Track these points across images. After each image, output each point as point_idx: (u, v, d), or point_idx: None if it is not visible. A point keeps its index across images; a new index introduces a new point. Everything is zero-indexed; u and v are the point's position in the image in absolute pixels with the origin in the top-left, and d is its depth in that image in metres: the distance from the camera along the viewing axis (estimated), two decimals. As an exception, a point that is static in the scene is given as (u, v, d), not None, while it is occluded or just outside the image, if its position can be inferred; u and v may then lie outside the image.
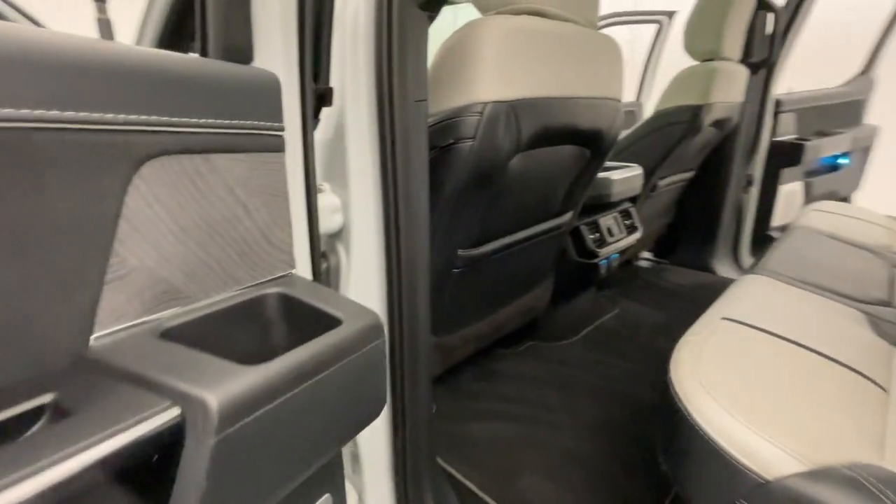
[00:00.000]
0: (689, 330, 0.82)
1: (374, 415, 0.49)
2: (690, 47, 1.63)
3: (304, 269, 0.56)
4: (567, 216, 1.27)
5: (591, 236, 1.46)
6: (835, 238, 1.33)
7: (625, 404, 1.25)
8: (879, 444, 0.57)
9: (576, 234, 1.43)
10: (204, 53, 0.44)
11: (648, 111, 3.70)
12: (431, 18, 0.65)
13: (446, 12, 0.70)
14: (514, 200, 1.02)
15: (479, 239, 1.02)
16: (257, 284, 0.48)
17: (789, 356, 0.72)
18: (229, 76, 0.42)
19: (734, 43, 1.65)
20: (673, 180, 1.97)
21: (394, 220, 0.66)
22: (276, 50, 0.49)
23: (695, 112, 1.56)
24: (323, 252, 0.65)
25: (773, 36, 1.89)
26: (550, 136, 0.94)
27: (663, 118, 1.61)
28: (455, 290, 1.05)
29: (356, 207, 0.66)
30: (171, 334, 0.39)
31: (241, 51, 0.46)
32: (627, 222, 1.65)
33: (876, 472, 0.51)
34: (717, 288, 2.11)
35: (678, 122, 1.60)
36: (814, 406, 0.62)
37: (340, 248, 0.68)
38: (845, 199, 2.60)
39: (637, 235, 1.68)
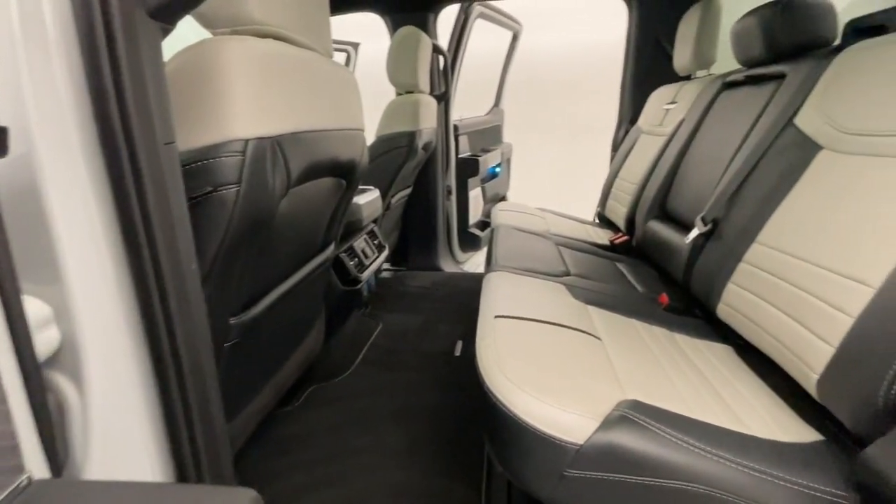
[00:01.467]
0: (478, 334, 0.92)
1: None
2: (394, 80, 1.84)
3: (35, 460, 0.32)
4: (330, 249, 1.22)
5: (352, 262, 1.45)
6: (520, 230, 1.78)
7: (423, 413, 1.31)
8: (618, 382, 0.80)
9: (338, 263, 1.39)
10: None
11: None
12: (166, 32, 0.48)
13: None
14: (284, 245, 0.90)
15: (251, 299, 0.84)
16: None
17: (550, 335, 0.91)
18: None
19: (425, 79, 1.96)
20: (400, 197, 2.19)
21: (160, 312, 0.46)
22: None
23: (411, 137, 1.77)
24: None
25: (445, 73, 2.34)
26: (315, 171, 0.86)
27: (389, 143, 1.76)
28: (230, 367, 0.84)
29: (83, 312, 0.42)
30: None
31: None
32: (375, 242, 1.73)
33: (629, 405, 0.70)
34: (449, 283, 2.56)
35: (401, 146, 1.77)
36: (578, 369, 0.81)
37: (63, 383, 0.42)
38: (504, 198, 3.53)
39: (386, 252, 1.78)
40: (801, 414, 0.78)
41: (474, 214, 2.95)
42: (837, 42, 1.10)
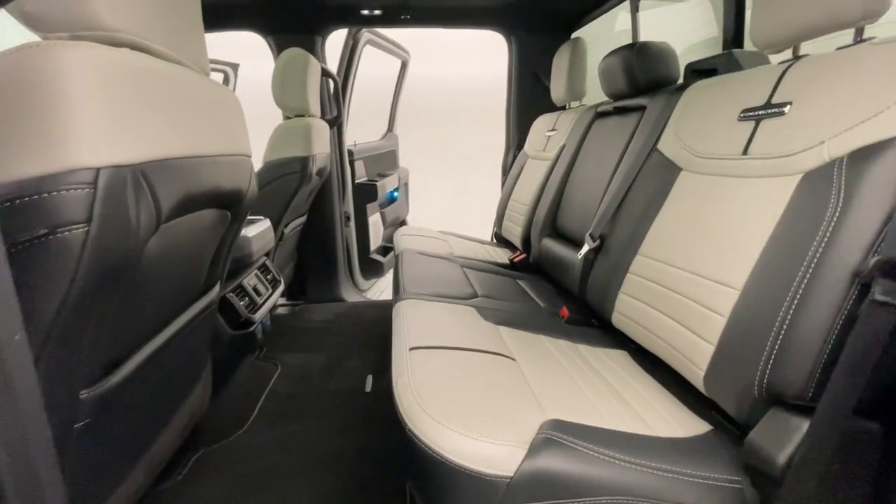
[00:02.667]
0: (394, 370, 0.87)
1: None
2: (282, 103, 1.73)
3: None
4: (215, 290, 1.06)
5: (242, 302, 1.29)
6: (425, 254, 1.77)
7: (334, 464, 1.19)
8: (538, 403, 0.80)
9: (225, 305, 1.22)
10: None
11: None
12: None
13: None
14: (156, 291, 0.75)
15: (111, 362, 0.68)
16: None
17: (467, 362, 0.89)
18: None
19: (315, 102, 1.87)
20: (294, 226, 2.04)
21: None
22: None
23: (304, 162, 1.67)
24: None
25: (336, 97, 2.28)
26: (193, 203, 0.74)
27: (279, 169, 1.63)
28: (83, 452, 0.66)
29: None
30: None
31: None
32: (268, 277, 1.57)
33: (551, 425, 0.71)
34: (352, 313, 2.43)
35: (293, 173, 1.65)
36: (499, 396, 0.80)
37: None
38: (404, 222, 3.52)
39: (281, 288, 1.63)
40: (692, 407, 0.86)
41: (375, 240, 2.88)
42: (681, 81, 1.30)
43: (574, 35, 2.22)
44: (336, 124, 2.30)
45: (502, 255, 2.05)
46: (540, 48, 2.26)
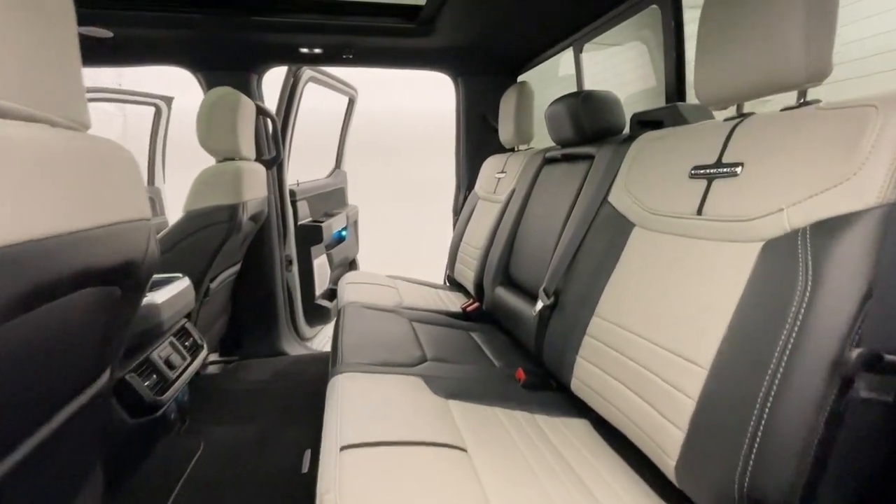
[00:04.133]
0: (320, 476, 0.72)
1: None
2: (208, 146, 1.57)
3: None
4: (105, 376, 0.87)
5: (147, 383, 1.09)
6: (370, 308, 1.63)
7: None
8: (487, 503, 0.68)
9: (122, 390, 1.02)
10: None
11: (169, 196, 3.40)
12: None
13: None
14: (2, 402, 0.57)
15: None
16: None
17: (409, 462, 0.76)
18: None
19: (248, 144, 1.73)
20: (224, 277, 1.84)
21: None
22: None
23: (233, 211, 1.50)
24: None
25: (274, 137, 2.14)
26: (50, 291, 0.58)
27: (202, 219, 1.46)
28: None
29: None
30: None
31: None
32: (188, 343, 1.37)
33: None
34: (294, 370, 2.20)
35: (219, 223, 1.49)
36: (441, 501, 0.67)
37: None
38: (353, 262, 3.36)
39: (203, 353, 1.43)
40: (661, 493, 0.77)
41: (321, 284, 2.70)
42: (627, 131, 1.28)
43: (520, 78, 2.23)
44: (274, 165, 2.15)
45: (455, 302, 1.94)
46: (487, 90, 2.25)
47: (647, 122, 1.15)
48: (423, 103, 4.18)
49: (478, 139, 2.33)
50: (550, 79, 3.42)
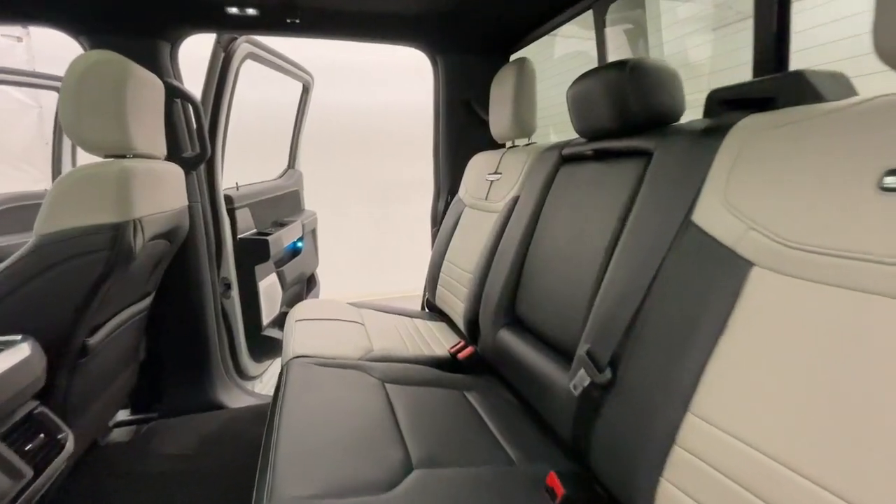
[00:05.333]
0: None
1: None
2: (79, 137, 1.06)
3: None
4: None
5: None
6: (326, 363, 1.18)
7: None
8: None
9: None
10: None
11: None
12: None
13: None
14: None
15: None
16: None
17: None
18: None
19: (151, 135, 1.23)
20: (124, 318, 1.33)
21: None
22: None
23: (115, 233, 1.02)
24: None
25: (199, 129, 1.64)
26: None
27: (63, 248, 0.96)
28: None
29: None
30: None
31: None
32: (37, 438, 0.88)
33: None
34: (229, 431, 1.66)
35: (93, 251, 1.00)
36: None
37: None
38: (312, 277, 2.87)
39: (69, 448, 0.94)
40: None
41: (270, 309, 2.21)
42: (696, 116, 0.89)
43: (514, 56, 1.83)
44: (199, 165, 1.66)
45: (439, 339, 1.52)
46: (472, 72, 1.83)
47: (736, 102, 0.76)
48: (402, 95, 3.71)
49: (461, 133, 1.91)
50: (545, 61, 3.02)
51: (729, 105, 0.76)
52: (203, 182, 1.74)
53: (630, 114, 0.91)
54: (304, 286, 2.78)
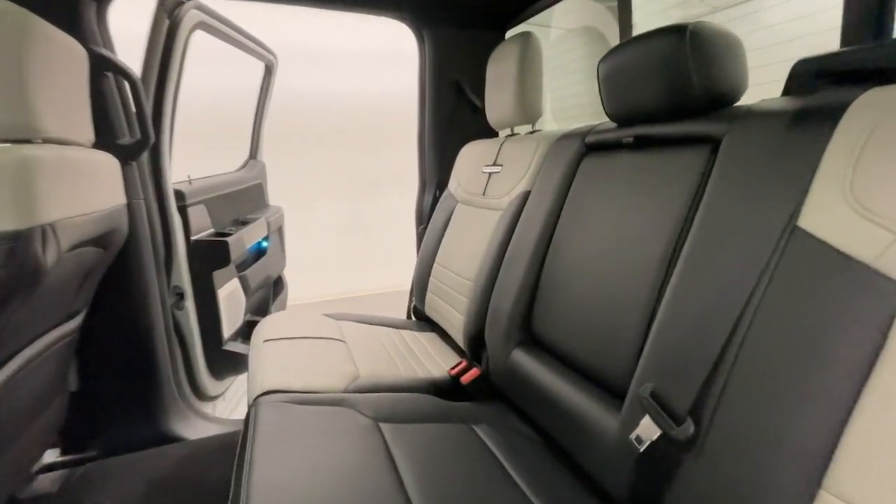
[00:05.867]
0: None
1: None
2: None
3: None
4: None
5: None
6: (304, 401, 0.96)
7: None
8: None
9: None
10: None
11: None
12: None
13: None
14: None
15: None
16: None
17: None
18: None
19: (71, 116, 0.97)
20: (42, 346, 1.06)
21: None
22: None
23: (14, 245, 0.76)
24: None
25: (140, 111, 1.36)
26: None
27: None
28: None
29: None
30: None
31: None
32: None
33: None
34: (184, 471, 1.31)
35: (-22, 270, 0.73)
36: None
37: None
38: (279, 279, 2.60)
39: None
40: None
41: (232, 319, 1.94)
42: (751, 97, 0.72)
43: (511, 33, 1.63)
44: (139, 154, 1.38)
45: (434, 358, 1.32)
46: (463, 49, 1.62)
47: (840, 74, 0.60)
48: (384, 82, 3.43)
49: (450, 118, 1.71)
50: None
51: (833, 78, 0.60)
52: (147, 175, 1.46)
53: (689, 92, 0.73)
54: (271, 290, 2.52)
